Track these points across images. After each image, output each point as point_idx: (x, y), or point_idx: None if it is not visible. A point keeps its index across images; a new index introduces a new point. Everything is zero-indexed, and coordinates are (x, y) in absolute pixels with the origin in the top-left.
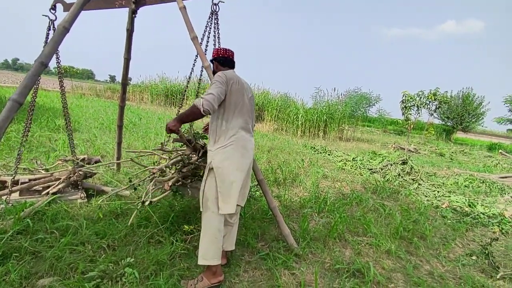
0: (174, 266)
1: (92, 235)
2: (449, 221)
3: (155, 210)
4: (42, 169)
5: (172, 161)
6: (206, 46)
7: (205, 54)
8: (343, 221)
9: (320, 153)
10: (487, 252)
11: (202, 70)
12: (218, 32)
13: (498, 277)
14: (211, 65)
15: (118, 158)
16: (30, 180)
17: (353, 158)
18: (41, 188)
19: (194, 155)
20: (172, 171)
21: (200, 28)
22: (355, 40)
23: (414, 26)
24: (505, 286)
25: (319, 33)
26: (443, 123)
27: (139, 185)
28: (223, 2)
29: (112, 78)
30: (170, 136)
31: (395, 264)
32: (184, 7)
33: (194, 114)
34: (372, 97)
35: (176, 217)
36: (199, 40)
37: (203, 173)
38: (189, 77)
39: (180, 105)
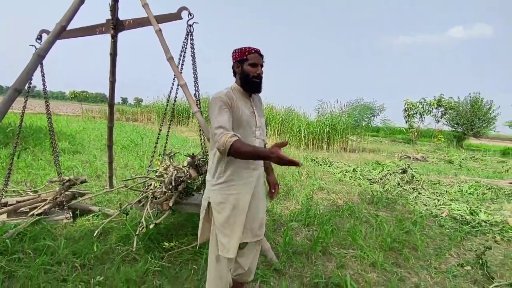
0: (144, 284)
1: (69, 255)
2: (447, 231)
3: (137, 228)
4: (31, 191)
5: (167, 179)
6: (182, 65)
7: (181, 73)
8: (329, 234)
9: (321, 165)
10: (481, 262)
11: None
12: (193, 52)
13: None
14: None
15: (110, 177)
16: (17, 202)
17: (354, 169)
18: (28, 210)
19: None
20: (163, 190)
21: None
22: (364, 52)
23: (422, 33)
24: None
25: (329, 48)
26: (453, 129)
27: (131, 209)
28: (197, 23)
29: (124, 100)
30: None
31: (380, 277)
32: (160, 30)
33: None
34: (376, 107)
35: (157, 234)
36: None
37: (196, 188)
38: (169, 96)
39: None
